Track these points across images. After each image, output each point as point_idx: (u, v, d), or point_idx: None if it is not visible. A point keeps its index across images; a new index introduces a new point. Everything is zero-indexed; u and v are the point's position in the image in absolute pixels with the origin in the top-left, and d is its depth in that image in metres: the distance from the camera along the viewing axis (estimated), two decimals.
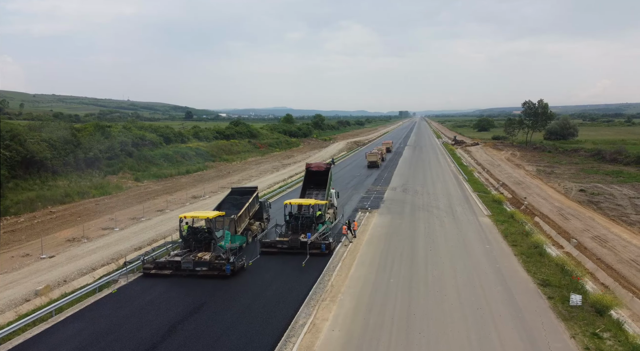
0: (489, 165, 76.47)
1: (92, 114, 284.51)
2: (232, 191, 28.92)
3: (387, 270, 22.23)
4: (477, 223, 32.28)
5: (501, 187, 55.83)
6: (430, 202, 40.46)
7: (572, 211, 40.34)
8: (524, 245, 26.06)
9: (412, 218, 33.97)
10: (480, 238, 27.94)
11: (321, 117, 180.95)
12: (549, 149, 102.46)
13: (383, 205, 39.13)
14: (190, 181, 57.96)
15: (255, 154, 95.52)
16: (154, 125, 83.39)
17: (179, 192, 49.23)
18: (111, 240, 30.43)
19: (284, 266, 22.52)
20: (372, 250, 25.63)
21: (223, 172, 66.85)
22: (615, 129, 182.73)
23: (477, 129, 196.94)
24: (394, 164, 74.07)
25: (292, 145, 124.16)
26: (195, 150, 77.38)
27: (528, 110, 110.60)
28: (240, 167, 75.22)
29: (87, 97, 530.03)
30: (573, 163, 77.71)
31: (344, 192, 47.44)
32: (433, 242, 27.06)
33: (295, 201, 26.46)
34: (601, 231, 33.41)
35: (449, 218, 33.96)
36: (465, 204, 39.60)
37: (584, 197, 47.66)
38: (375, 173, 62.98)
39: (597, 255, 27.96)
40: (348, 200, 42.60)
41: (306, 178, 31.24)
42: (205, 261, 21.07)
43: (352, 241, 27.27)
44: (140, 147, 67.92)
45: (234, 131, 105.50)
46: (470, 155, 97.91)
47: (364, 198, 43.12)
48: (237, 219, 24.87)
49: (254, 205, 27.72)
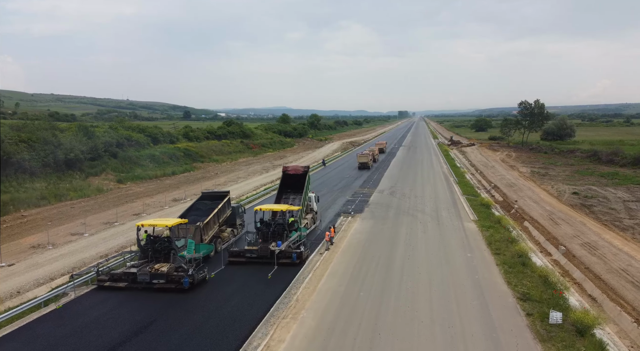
0: (483, 166, 75.10)
1: (89, 114, 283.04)
2: (202, 196, 27.48)
3: (359, 281, 20.84)
4: (462, 229, 30.89)
5: (493, 189, 54.47)
6: (416, 206, 39.07)
7: (563, 215, 38.97)
8: (507, 253, 24.67)
9: (394, 223, 32.57)
10: (463, 246, 26.55)
11: (317, 117, 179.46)
12: (545, 150, 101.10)
13: (367, 209, 37.73)
14: (174, 183, 56.55)
15: (247, 155, 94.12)
16: (141, 125, 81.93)
17: (161, 195, 47.81)
18: (78, 247, 29.03)
19: (249, 278, 21.09)
20: (347, 258, 24.23)
21: (210, 173, 65.45)
22: (614, 129, 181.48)
23: (475, 129, 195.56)
24: (385, 165, 72.67)
25: (286, 146, 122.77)
26: (184, 150, 75.93)
27: (524, 110, 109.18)
28: (229, 167, 73.81)
29: (86, 97, 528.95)
30: (568, 164, 76.36)
31: (330, 194, 46.08)
32: (413, 250, 25.67)
33: (266, 207, 24.98)
34: (592, 237, 32.04)
35: (433, 223, 32.57)
36: (452, 208, 38.21)
37: (576, 200, 46.29)
38: (365, 174, 61.58)
39: (586, 264, 26.59)
40: (332, 203, 41.21)
41: (283, 182, 29.80)
42: (162, 273, 19.67)
43: (329, 248, 25.91)
44: (126, 147, 66.48)
45: (226, 131, 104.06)
46: (465, 156, 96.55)
47: (349, 201, 41.73)
48: (204, 226, 23.45)
49: (225, 210, 26.29)
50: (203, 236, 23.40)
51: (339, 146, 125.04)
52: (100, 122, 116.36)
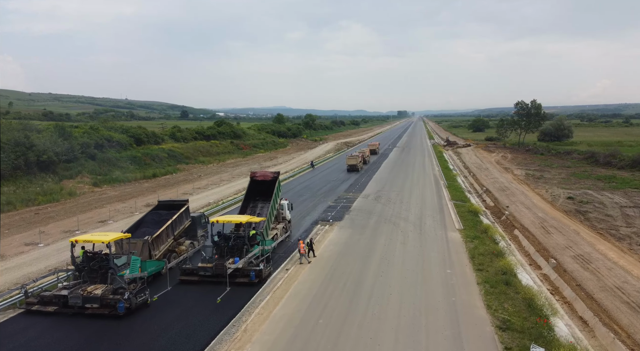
0: (476, 168, 72.85)
1: (85, 113, 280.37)
2: (159, 205, 25.13)
3: (321, 305, 18.54)
4: (445, 239, 28.60)
5: (484, 193, 52.22)
6: (400, 213, 36.78)
7: (556, 223, 36.71)
8: (490, 269, 22.38)
9: (374, 233, 30.26)
10: (443, 260, 24.26)
11: (312, 117, 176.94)
12: (542, 151, 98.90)
13: (347, 217, 35.42)
14: (152, 186, 54.19)
15: (236, 156, 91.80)
16: (125, 125, 79.52)
17: (135, 199, 45.48)
18: (27, 259, 26.71)
19: (197, 302, 18.75)
20: (314, 276, 21.93)
21: (193, 176, 63.12)
22: (613, 130, 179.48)
23: (472, 130, 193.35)
24: (375, 167, 70.37)
25: (278, 146, 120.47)
26: (168, 151, 73.58)
27: (521, 110, 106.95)
28: (215, 169, 71.48)
29: (84, 96, 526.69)
30: (565, 166, 74.16)
31: (312, 199, 43.75)
32: (387, 265, 23.38)
33: (224, 218, 22.55)
34: (585, 248, 29.77)
35: (414, 232, 30.28)
36: (437, 215, 35.92)
37: (571, 205, 44.04)
38: (352, 177, 59.27)
39: (577, 280, 24.32)
40: (312, 209, 38.90)
41: (250, 189, 27.44)
42: (95, 296, 17.37)
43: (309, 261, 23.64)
44: (106, 148, 64.12)
45: (215, 131, 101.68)
46: (459, 157, 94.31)
47: (330, 207, 39.42)
48: (153, 240, 21.14)
49: (182, 221, 23.97)
50: (152, 251, 21.08)
51: (332, 147, 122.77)
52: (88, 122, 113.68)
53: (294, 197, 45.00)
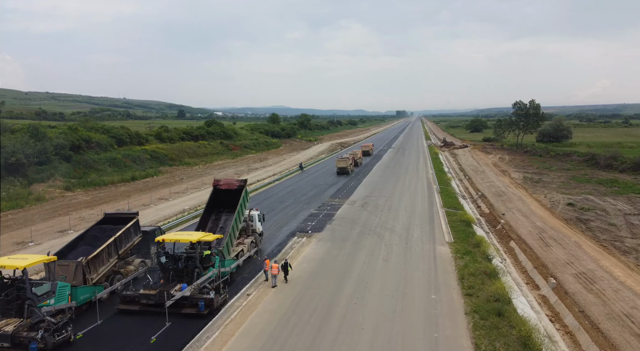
0: (472, 171, 69.99)
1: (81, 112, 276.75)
2: (105, 218, 22.12)
3: (278, 345, 15.60)
4: (433, 255, 25.68)
5: (480, 198, 49.36)
6: (386, 222, 33.84)
7: (555, 233, 33.85)
8: (481, 294, 19.48)
9: (354, 247, 27.33)
10: (428, 282, 21.34)
11: (307, 117, 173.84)
12: (540, 153, 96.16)
13: (329, 227, 32.47)
14: (129, 190, 51.19)
15: (225, 157, 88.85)
16: (106, 125, 76.38)
17: (105, 205, 42.51)
18: None
19: (130, 340, 15.73)
20: (277, 303, 18.98)
21: (175, 179, 60.12)
22: (612, 131, 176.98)
23: (470, 130, 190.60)
24: (367, 170, 67.42)
25: (271, 147, 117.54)
26: (151, 153, 70.57)
27: (519, 111, 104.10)
28: (200, 171, 68.51)
29: (81, 95, 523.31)
30: (564, 169, 71.35)
31: (294, 206, 40.79)
32: (364, 288, 20.46)
33: (171, 236, 19.46)
34: (588, 265, 26.90)
35: (400, 246, 27.36)
36: (427, 225, 32.99)
37: (572, 212, 41.20)
38: (341, 181, 56.32)
39: (580, 305, 21.44)
40: (292, 218, 35.92)
41: (213, 200, 24.45)
42: (5, 334, 14.44)
43: (275, 285, 20.72)
44: (84, 150, 61.11)
45: (204, 131, 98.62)
46: (455, 159, 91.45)
47: (312, 215, 36.46)
48: (89, 262, 18.19)
49: (130, 237, 20.99)
50: (88, 275, 18.12)
51: (326, 147, 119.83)
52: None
53: (274, 204, 42.10)
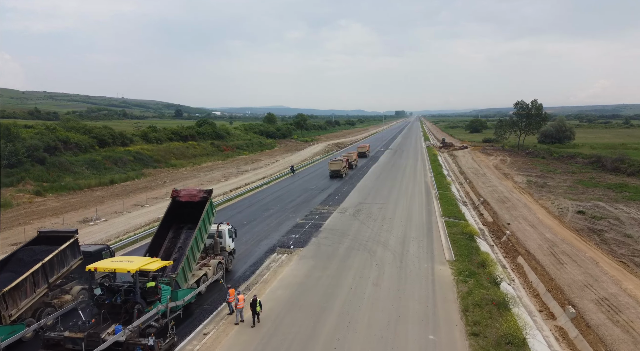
0: (473, 174, 66.52)
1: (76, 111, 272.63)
2: (38, 237, 18.46)
3: None
4: (431, 278, 22.13)
5: (482, 205, 45.86)
6: (379, 234, 30.27)
7: (567, 247, 30.34)
8: (490, 335, 15.95)
9: (341, 266, 23.75)
10: (425, 315, 17.79)
11: (303, 117, 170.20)
12: (543, 154, 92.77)
13: (314, 240, 28.88)
14: (105, 195, 47.56)
15: (215, 158, 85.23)
16: (88, 125, 72.60)
17: (74, 213, 38.95)
18: None
19: None
20: (238, 348, 15.37)
21: (157, 182, 56.47)
22: (614, 131, 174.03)
23: (469, 130, 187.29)
24: (362, 173, 63.85)
25: (265, 148, 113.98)
26: (135, 154, 66.93)
27: (521, 111, 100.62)
28: (186, 174, 64.89)
29: (79, 95, 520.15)
30: (569, 172, 67.94)
31: (279, 214, 37.16)
32: (348, 326, 16.89)
33: (105, 265, 15.58)
34: (610, 287, 23.39)
35: (393, 266, 23.80)
36: (424, 238, 29.42)
37: (582, 222, 37.73)
38: (334, 185, 52.73)
39: (607, 342, 17.91)
40: (274, 229, 32.28)
41: (170, 214, 20.67)
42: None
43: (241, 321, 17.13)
44: (61, 151, 57.46)
45: (195, 131, 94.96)
46: (455, 160, 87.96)
47: (297, 226, 32.85)
48: (5, 296, 14.60)
49: (67, 261, 17.40)
50: (4, 311, 14.52)
51: (322, 148, 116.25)
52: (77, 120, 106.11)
53: (258, 212, 38.45)
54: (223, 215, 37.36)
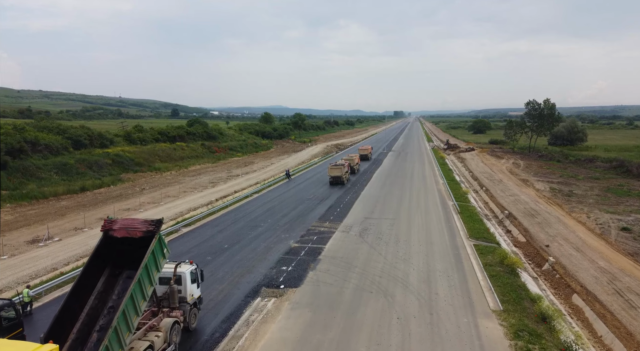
0: (488, 179, 60.15)
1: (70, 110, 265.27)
2: None
3: None
4: (477, 343, 15.72)
5: (507, 218, 39.50)
6: (395, 267, 23.84)
7: (631, 281, 23.97)
8: None
9: (349, 324, 17.29)
10: None
11: (301, 117, 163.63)
12: (557, 157, 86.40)
13: (311, 276, 22.39)
14: (71, 205, 41.03)
15: (205, 160, 78.68)
16: (63, 124, 65.88)
17: (25, 229, 32.43)
18: None
19: None
20: None
21: (134, 189, 49.90)
22: (620, 133, 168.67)
23: (473, 131, 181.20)
24: (365, 179, 57.43)
25: (260, 149, 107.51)
26: (115, 156, 60.36)
27: (532, 111, 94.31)
28: (169, 179, 58.36)
29: (75, 94, 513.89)
30: (592, 178, 61.66)
31: (267, 235, 30.61)
32: None
33: None
34: None
35: (421, 321, 17.39)
36: (454, 272, 23.01)
37: (632, 243, 31.39)
38: (334, 194, 46.28)
39: None
40: (263, 256, 25.75)
41: (101, 254, 13.89)
42: None
43: None
44: (27, 154, 50.85)
45: (184, 132, 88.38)
46: (464, 163, 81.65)
47: (290, 252, 26.31)
48: None
49: None
50: None
51: (321, 150, 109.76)
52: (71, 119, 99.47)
53: (243, 230, 31.83)
54: (199, 235, 30.89)
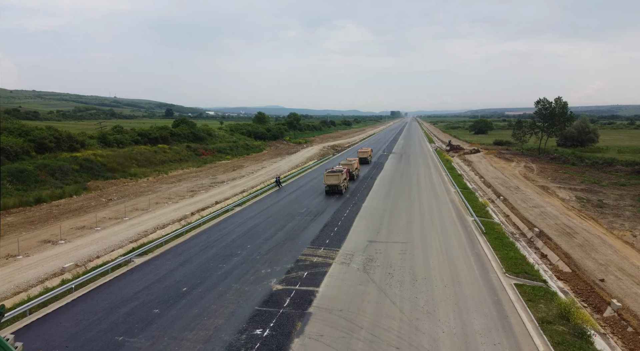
0: (503, 186, 53.62)
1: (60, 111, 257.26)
2: None
3: None
4: None
5: (539, 238, 32.91)
6: (417, 328, 17.16)
7: None
8: None
9: None
10: None
11: (296, 117, 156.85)
12: (572, 160, 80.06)
13: (298, 344, 15.69)
14: (17, 222, 34.22)
15: (189, 164, 71.80)
16: (27, 125, 58.81)
17: None
18: None
19: None
20: None
21: (100, 200, 43.03)
22: (626, 133, 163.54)
23: (474, 132, 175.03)
24: (367, 187, 50.77)
25: (251, 151, 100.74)
26: (83, 161, 53.43)
27: (543, 110, 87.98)
28: (144, 187, 51.51)
29: (69, 94, 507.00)
30: (618, 184, 55.35)
31: (244, 270, 23.95)
32: None
33: None
34: None
35: None
36: (503, 339, 16.31)
37: None
38: (331, 207, 39.58)
39: None
40: (230, 309, 18.97)
41: None
42: None
43: None
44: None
45: (167, 133, 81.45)
46: (472, 167, 75.12)
47: (270, 302, 19.51)
48: None
49: None
50: None
51: (317, 151, 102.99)
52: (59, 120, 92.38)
53: (210, 263, 24.95)
54: (155, 269, 24.13)
